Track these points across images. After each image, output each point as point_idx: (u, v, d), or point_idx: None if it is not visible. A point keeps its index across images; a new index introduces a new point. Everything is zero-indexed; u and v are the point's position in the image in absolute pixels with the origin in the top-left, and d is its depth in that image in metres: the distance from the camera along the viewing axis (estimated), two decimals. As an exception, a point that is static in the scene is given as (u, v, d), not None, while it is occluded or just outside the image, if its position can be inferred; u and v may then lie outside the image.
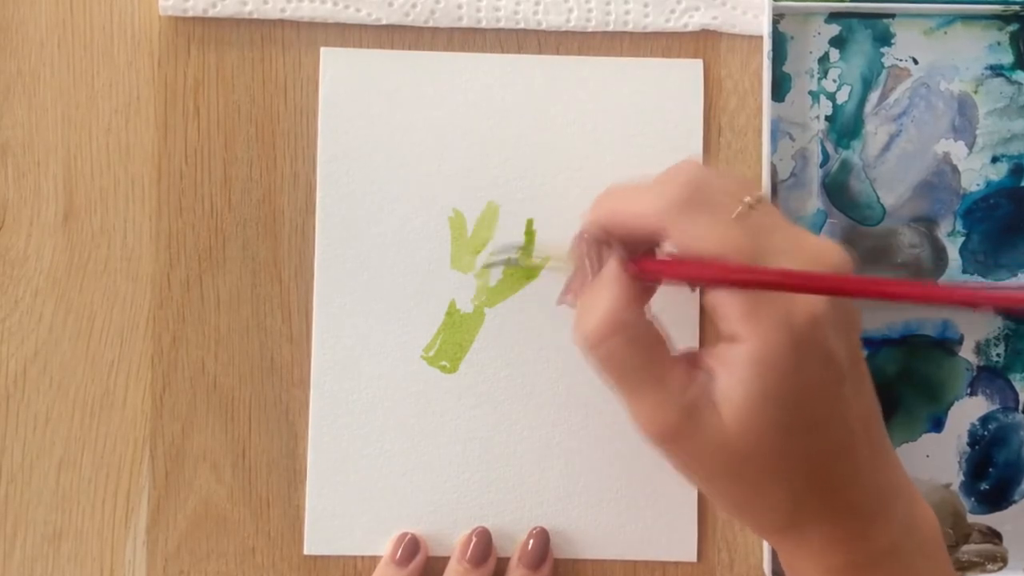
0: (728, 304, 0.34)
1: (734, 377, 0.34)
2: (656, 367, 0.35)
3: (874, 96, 0.46)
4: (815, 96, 0.46)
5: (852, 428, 0.35)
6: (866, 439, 0.36)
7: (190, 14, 0.45)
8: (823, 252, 0.35)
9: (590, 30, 0.46)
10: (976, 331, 0.46)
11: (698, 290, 0.44)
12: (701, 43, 0.46)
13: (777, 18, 0.46)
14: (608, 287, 0.36)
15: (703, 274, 0.35)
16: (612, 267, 0.36)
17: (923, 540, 0.36)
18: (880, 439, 0.36)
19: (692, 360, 0.36)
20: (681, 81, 0.46)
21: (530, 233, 0.45)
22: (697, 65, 0.46)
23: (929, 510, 0.37)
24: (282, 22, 0.46)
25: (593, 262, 0.37)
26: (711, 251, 0.34)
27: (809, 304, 0.34)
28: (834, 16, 0.46)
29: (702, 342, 0.45)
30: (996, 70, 0.46)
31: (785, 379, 0.34)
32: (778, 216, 0.37)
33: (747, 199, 0.35)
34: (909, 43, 0.46)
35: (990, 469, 0.46)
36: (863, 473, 0.35)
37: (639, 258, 0.37)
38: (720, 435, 0.34)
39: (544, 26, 0.46)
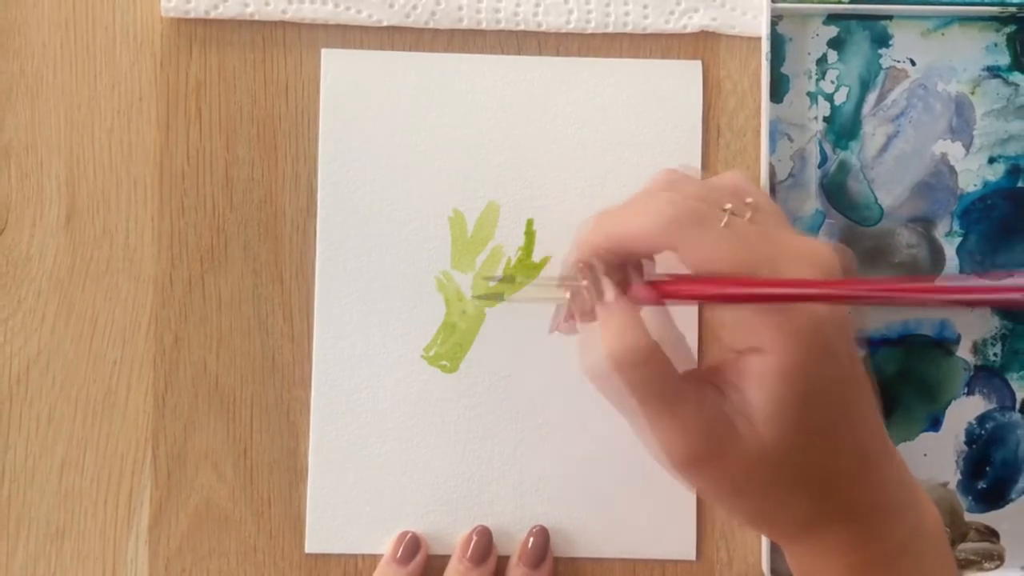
0: (748, 315, 0.34)
1: (761, 389, 0.34)
2: (679, 390, 0.35)
3: (872, 97, 0.46)
4: (813, 97, 0.46)
5: (859, 427, 0.35)
6: (871, 437, 0.36)
7: (192, 15, 0.45)
8: (816, 253, 0.35)
9: (590, 31, 0.46)
10: (973, 331, 0.46)
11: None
12: (700, 44, 0.46)
13: (776, 19, 0.46)
14: (631, 311, 0.35)
15: (725, 294, 0.34)
16: (612, 291, 0.36)
17: (931, 537, 0.36)
18: (884, 437, 0.37)
19: (701, 376, 0.36)
20: (680, 82, 0.46)
21: (530, 233, 0.46)
22: (696, 66, 0.46)
23: (934, 508, 0.37)
24: (283, 23, 0.46)
25: (595, 288, 0.37)
26: (720, 266, 0.34)
27: (815, 307, 0.34)
28: (832, 18, 0.46)
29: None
30: (993, 71, 0.47)
31: (806, 385, 0.34)
32: (765, 206, 0.37)
33: (727, 206, 0.35)
34: (907, 44, 0.46)
35: (987, 468, 0.46)
36: (873, 471, 0.36)
37: (656, 282, 0.36)
38: (739, 450, 0.34)
39: (544, 27, 0.46)
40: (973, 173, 0.46)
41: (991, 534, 0.46)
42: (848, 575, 0.36)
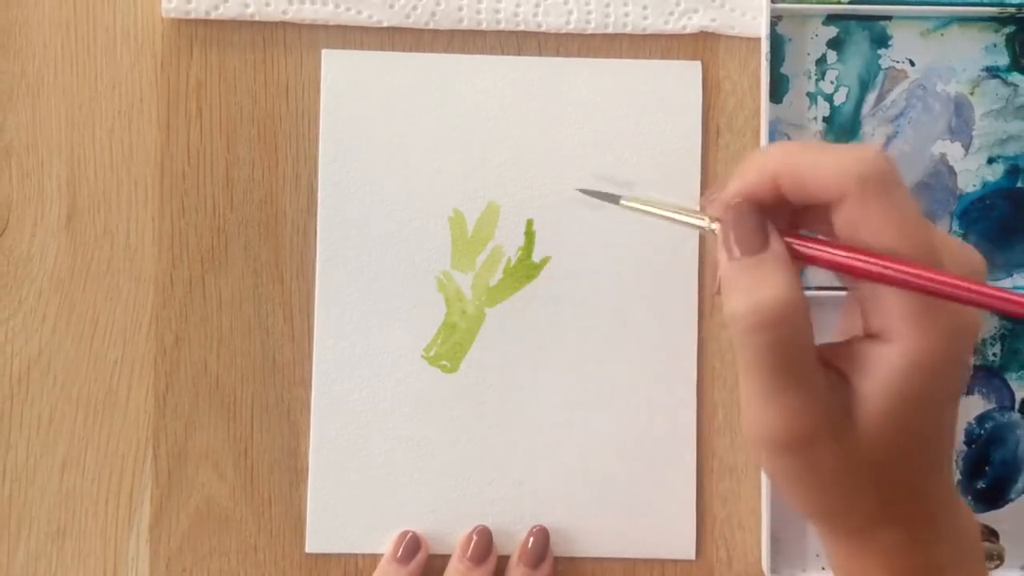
0: (891, 300, 0.31)
1: (878, 381, 0.31)
2: (808, 365, 0.32)
3: (871, 97, 0.46)
4: (813, 97, 0.46)
5: (950, 440, 0.34)
6: (945, 447, 0.34)
7: (192, 16, 0.45)
8: (969, 254, 0.33)
9: (589, 32, 0.46)
10: (973, 331, 0.46)
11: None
12: (700, 45, 0.46)
13: (775, 20, 0.46)
14: (782, 264, 0.32)
15: (881, 270, 0.31)
16: (778, 241, 0.32)
17: (971, 547, 0.35)
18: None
19: (826, 360, 0.33)
20: (680, 82, 0.46)
21: (530, 233, 0.46)
22: (696, 66, 0.46)
23: (974, 517, 0.36)
24: (284, 24, 0.46)
25: (753, 233, 0.33)
26: (894, 242, 0.31)
27: (972, 315, 0.32)
28: (832, 18, 0.47)
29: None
30: (992, 72, 0.47)
31: (931, 387, 0.32)
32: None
33: None
34: (906, 45, 0.47)
35: (987, 468, 0.47)
36: (941, 481, 0.34)
37: (817, 239, 0.33)
38: (845, 444, 0.32)
39: (544, 28, 0.46)
40: (972, 173, 0.46)
41: (991, 534, 0.46)
42: None
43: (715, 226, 0.34)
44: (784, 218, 0.34)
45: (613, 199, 0.37)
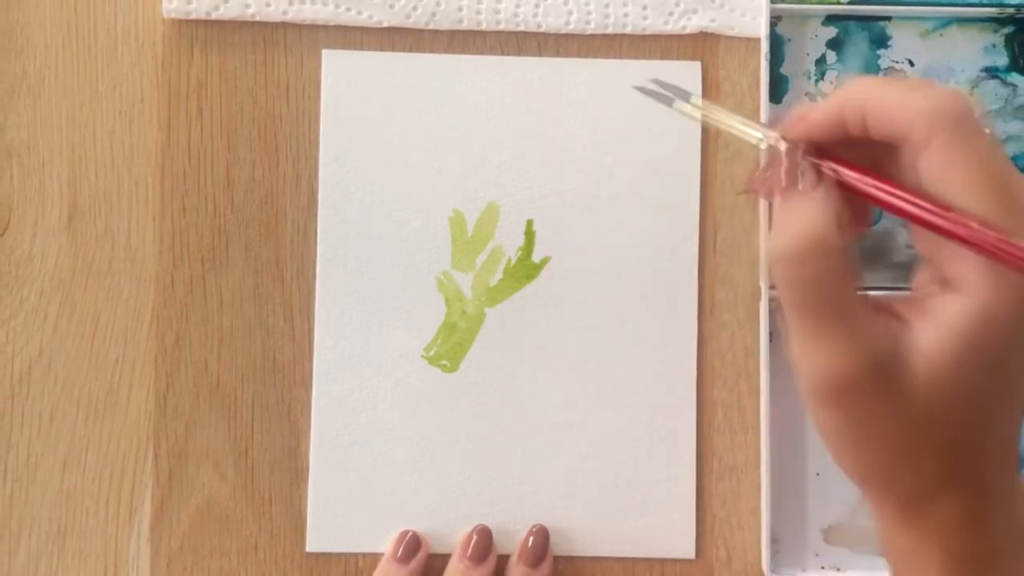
0: (959, 253, 0.30)
1: (942, 329, 0.30)
2: (850, 306, 0.31)
3: (871, 98, 0.47)
4: (812, 98, 0.47)
5: (1012, 404, 0.32)
6: (1012, 418, 0.33)
7: (193, 16, 0.45)
8: None
9: (589, 32, 0.46)
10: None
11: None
12: (699, 45, 0.47)
13: (775, 20, 0.46)
14: (827, 200, 0.32)
15: (951, 225, 0.30)
16: (830, 178, 0.32)
17: None
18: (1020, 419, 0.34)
19: (880, 306, 0.32)
20: (680, 83, 0.46)
21: (530, 233, 0.46)
22: (695, 67, 0.46)
23: None
24: (284, 25, 0.46)
25: (808, 167, 0.33)
26: (978, 192, 0.30)
27: None
28: (831, 18, 0.47)
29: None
30: (991, 72, 0.47)
31: (999, 342, 0.30)
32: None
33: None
34: (905, 45, 0.47)
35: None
36: (1001, 450, 0.33)
37: (877, 175, 0.32)
38: (903, 394, 0.31)
39: (544, 28, 0.46)
40: (971, 173, 0.47)
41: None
42: (952, 563, 0.32)
43: (767, 144, 0.34)
44: (874, 155, 0.33)
45: (668, 100, 0.37)
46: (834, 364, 0.31)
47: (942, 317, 0.30)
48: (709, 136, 0.46)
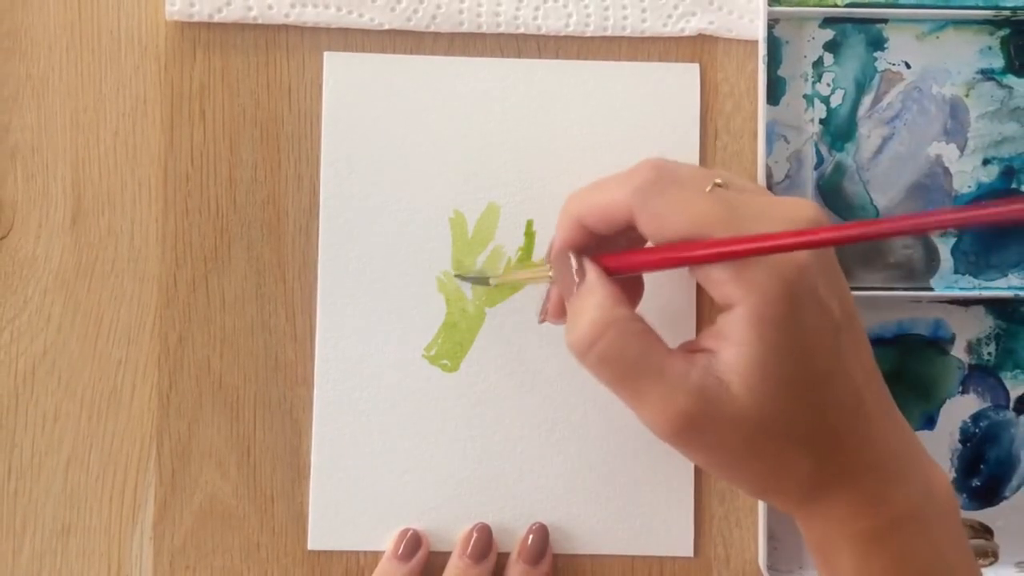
0: (717, 271, 0.34)
1: (736, 345, 0.34)
2: (654, 359, 0.35)
3: (867, 99, 0.47)
4: (810, 99, 0.47)
5: (856, 381, 0.35)
6: (872, 394, 0.35)
7: (196, 19, 0.46)
8: (797, 209, 0.35)
9: (588, 34, 0.46)
10: (968, 330, 0.47)
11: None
12: (698, 47, 0.47)
13: (772, 23, 0.47)
14: (592, 290, 0.36)
15: (677, 256, 0.35)
16: (592, 271, 0.37)
17: (940, 504, 0.36)
18: (886, 397, 0.36)
19: (689, 348, 0.36)
20: (678, 84, 0.47)
21: (530, 234, 0.46)
22: (694, 69, 0.47)
23: (943, 474, 0.36)
24: (286, 27, 0.46)
25: (573, 272, 0.38)
26: (686, 227, 0.35)
27: (794, 256, 0.34)
28: (828, 21, 0.47)
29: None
30: (987, 74, 0.47)
31: (784, 332, 0.33)
32: (749, 186, 0.37)
33: (716, 180, 0.36)
34: (902, 47, 0.47)
35: (981, 466, 0.47)
36: (876, 431, 0.35)
37: (618, 253, 0.38)
38: (734, 410, 0.34)
39: (543, 30, 0.46)
40: (967, 175, 0.47)
41: (985, 531, 0.47)
42: (858, 544, 0.35)
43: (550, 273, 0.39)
44: (620, 246, 0.38)
45: (484, 281, 0.45)
46: (667, 412, 0.34)
47: (731, 334, 0.34)
48: (707, 138, 0.47)
